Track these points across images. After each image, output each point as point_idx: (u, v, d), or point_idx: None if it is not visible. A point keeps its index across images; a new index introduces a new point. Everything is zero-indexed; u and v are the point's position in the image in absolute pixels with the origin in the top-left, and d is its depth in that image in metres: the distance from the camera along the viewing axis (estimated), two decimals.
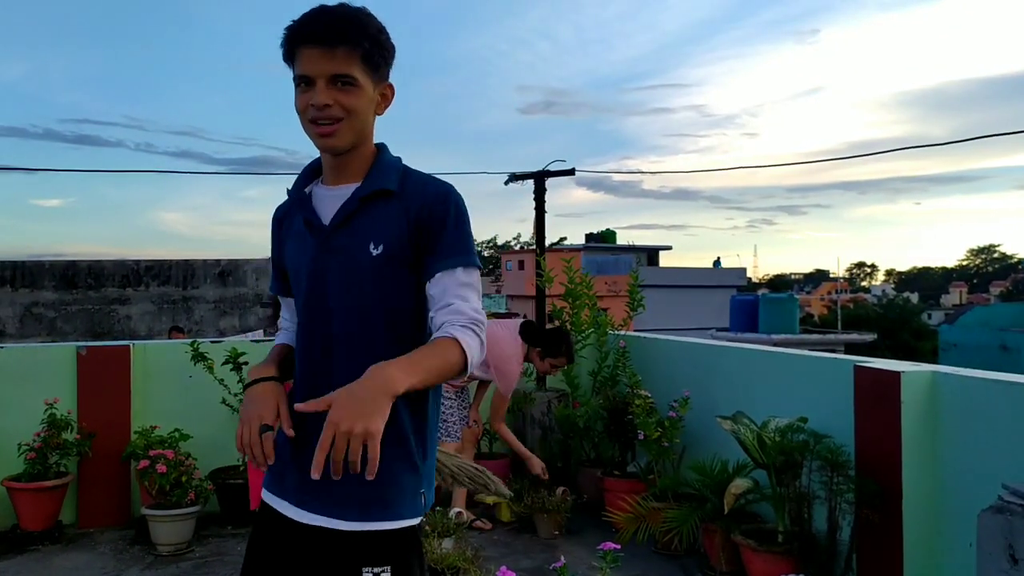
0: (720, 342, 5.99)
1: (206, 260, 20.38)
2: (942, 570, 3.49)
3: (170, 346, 5.85)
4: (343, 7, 1.71)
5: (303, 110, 1.73)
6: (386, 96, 1.82)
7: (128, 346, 5.47)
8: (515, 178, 6.91)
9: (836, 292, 63.42)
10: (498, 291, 48.06)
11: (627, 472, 5.51)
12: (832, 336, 31.02)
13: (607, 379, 5.98)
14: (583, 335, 6.24)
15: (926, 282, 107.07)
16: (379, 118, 1.82)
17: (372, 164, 1.82)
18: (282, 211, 1.97)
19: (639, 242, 50.77)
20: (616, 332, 6.27)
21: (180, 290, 19.85)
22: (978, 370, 3.69)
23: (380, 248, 1.75)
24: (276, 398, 1.81)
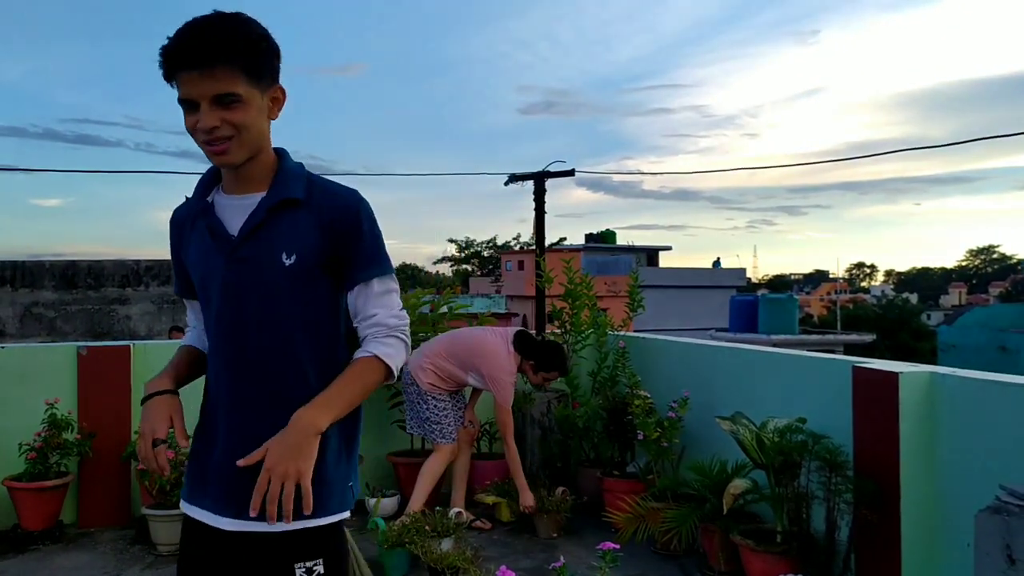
0: (719, 343, 6.00)
1: None
2: (940, 570, 3.50)
3: (170, 346, 5.85)
4: (216, 19, 1.68)
5: (192, 132, 1.73)
6: (277, 99, 1.80)
7: (128, 346, 5.48)
8: (515, 179, 6.92)
9: (836, 292, 63.50)
10: (498, 291, 48.06)
11: (626, 472, 5.53)
12: (831, 337, 31.03)
13: (607, 379, 5.99)
14: (583, 335, 6.25)
15: (926, 283, 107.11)
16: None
17: (275, 172, 1.83)
18: (182, 215, 1.95)
19: (639, 242, 50.84)
20: (616, 332, 6.28)
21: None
22: (976, 371, 3.70)
23: (293, 258, 1.76)
24: (169, 411, 1.88)
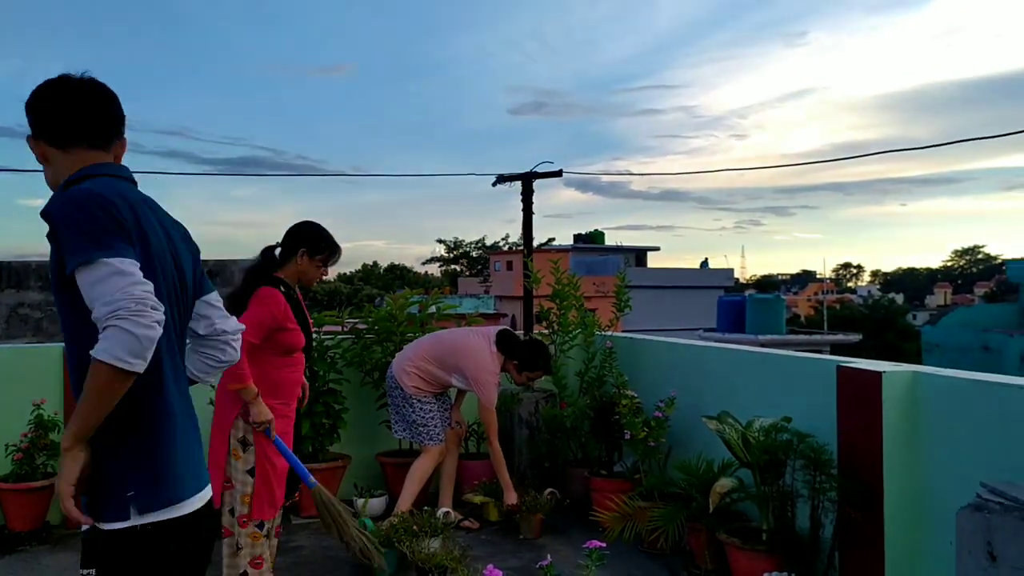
0: (705, 342, 6.04)
1: None
2: (922, 567, 3.54)
3: None
4: None
5: None
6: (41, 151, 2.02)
7: None
8: (503, 179, 6.93)
9: (822, 293, 63.78)
10: (486, 292, 48.06)
11: (614, 472, 5.55)
12: (818, 337, 31.18)
13: (594, 379, 6.01)
14: (570, 336, 6.27)
15: (911, 283, 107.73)
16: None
17: None
18: None
19: (627, 243, 50.90)
20: (603, 333, 6.31)
21: None
22: (958, 370, 3.75)
23: (52, 272, 1.86)
24: None
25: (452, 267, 66.04)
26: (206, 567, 2.06)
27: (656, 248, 52.41)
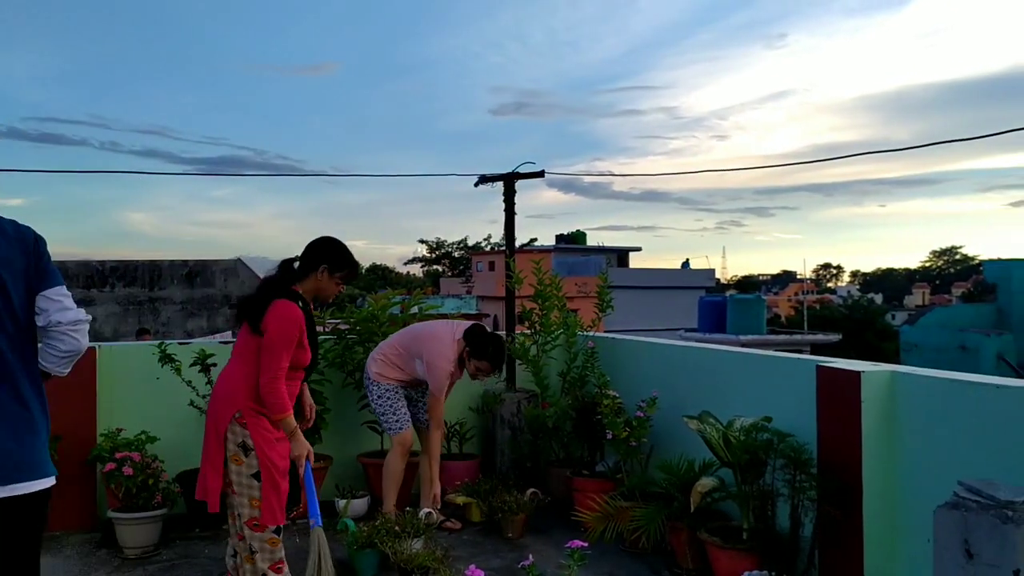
0: (686, 343, 6.07)
1: (173, 261, 20.14)
2: (901, 565, 3.57)
3: (136, 348, 5.81)
4: None
5: None
6: None
7: (94, 348, 5.42)
8: (484, 180, 6.92)
9: (803, 293, 64.15)
10: (468, 292, 48.03)
11: (595, 471, 5.56)
12: (798, 336, 31.37)
13: (576, 379, 6.02)
14: (552, 336, 6.28)
15: (890, 283, 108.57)
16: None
17: None
18: None
19: (609, 243, 50.95)
20: (585, 333, 6.32)
21: (146, 291, 19.60)
22: (936, 370, 3.78)
23: None
24: None
25: (434, 267, 65.98)
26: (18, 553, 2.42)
27: (638, 248, 52.52)
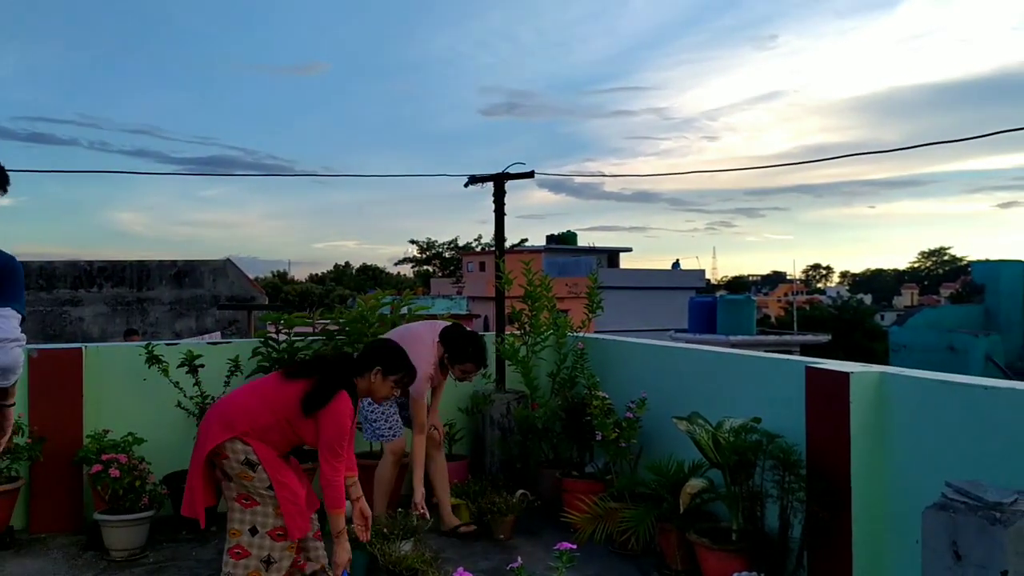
0: (676, 343, 6.07)
1: (161, 261, 20.06)
2: (889, 566, 3.57)
3: (124, 349, 5.78)
4: None
5: None
6: None
7: (80, 348, 5.39)
8: (474, 180, 6.92)
9: (792, 294, 64.39)
10: (459, 292, 48.02)
11: (585, 472, 5.56)
12: (788, 337, 31.43)
13: (565, 380, 6.01)
14: (542, 337, 6.27)
15: (879, 284, 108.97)
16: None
17: None
18: None
19: (600, 244, 51.04)
20: (575, 334, 6.31)
21: (135, 291, 19.52)
22: (924, 371, 3.79)
23: None
24: None
25: (425, 268, 65.91)
26: None
27: (628, 249, 52.63)
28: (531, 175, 6.95)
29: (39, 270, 19.24)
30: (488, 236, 53.89)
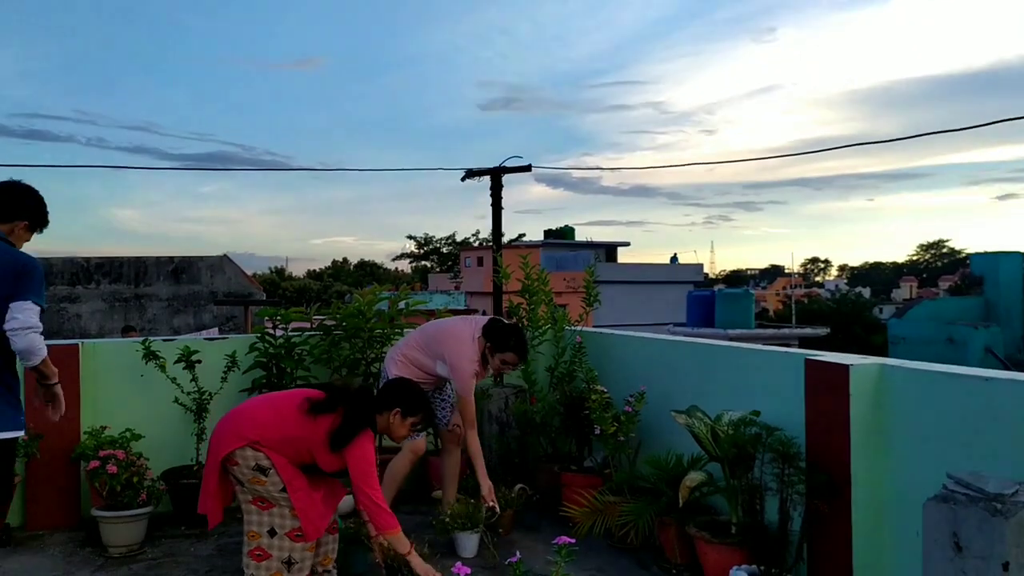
0: (675, 337, 6.05)
1: (159, 257, 20.04)
2: (890, 559, 3.56)
3: (121, 345, 5.75)
4: None
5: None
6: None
7: (77, 345, 5.36)
8: (471, 174, 6.90)
9: (791, 287, 64.42)
10: (457, 288, 47.95)
11: (584, 467, 5.54)
12: (787, 330, 31.42)
13: (564, 375, 6.00)
14: (540, 331, 6.26)
15: (878, 277, 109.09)
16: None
17: None
18: None
19: (598, 238, 51.04)
20: (573, 328, 6.30)
21: (132, 288, 19.49)
22: (924, 362, 3.77)
23: None
24: None
25: (423, 263, 65.89)
26: None
27: (626, 243, 52.71)
28: (528, 169, 6.95)
29: None
30: (486, 231, 53.89)
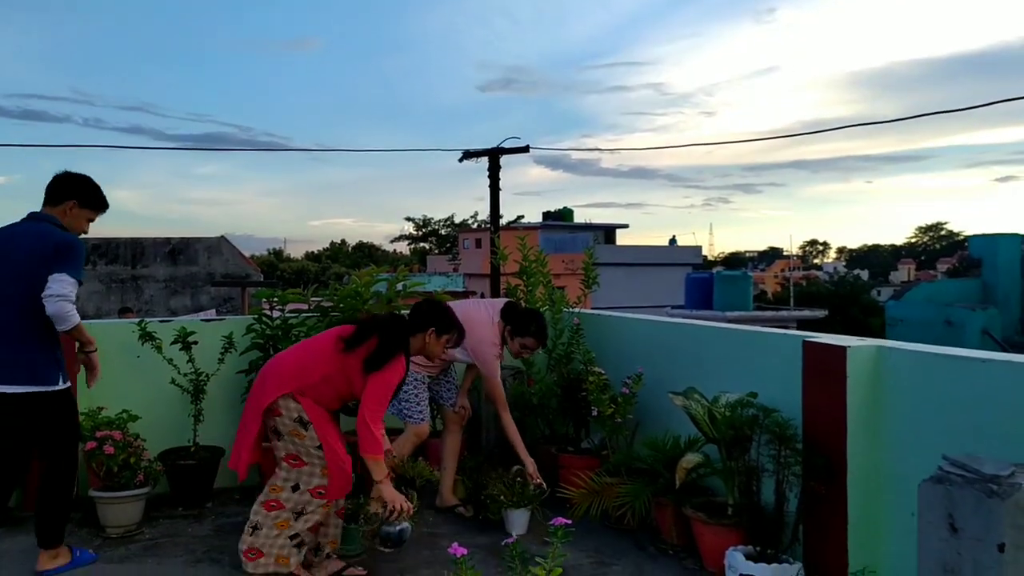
0: (672, 319, 6.04)
1: (156, 238, 19.99)
2: (885, 539, 3.57)
3: (117, 326, 5.73)
4: None
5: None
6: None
7: None
8: (469, 155, 6.87)
9: (789, 269, 64.44)
10: (455, 270, 47.97)
11: (581, 448, 5.55)
12: (785, 313, 31.47)
13: (562, 356, 6.00)
14: None
15: (876, 259, 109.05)
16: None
17: None
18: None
19: (596, 220, 50.96)
20: (571, 309, 6.28)
21: (129, 269, 19.45)
22: (921, 344, 3.77)
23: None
24: None
25: (421, 245, 65.82)
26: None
27: (625, 226, 52.57)
28: (526, 149, 6.92)
29: None
30: (484, 213, 53.80)
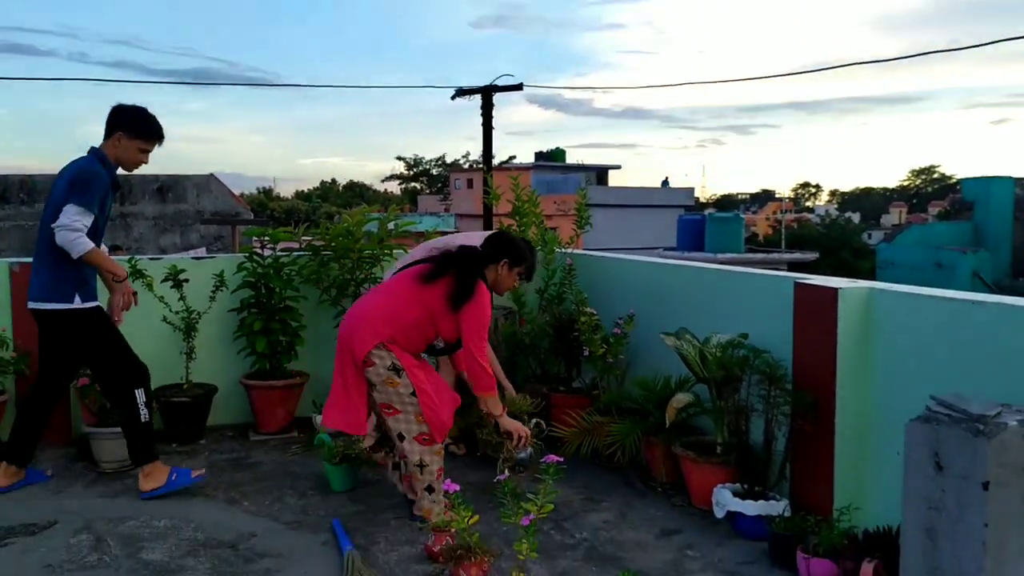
0: (665, 260, 6.04)
1: (144, 176, 19.78)
2: (870, 477, 3.63)
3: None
4: None
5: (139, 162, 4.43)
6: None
7: None
8: (461, 93, 6.77)
9: (781, 212, 64.37)
10: (447, 210, 47.71)
11: (572, 388, 5.60)
12: (776, 255, 31.53)
13: (554, 297, 6.00)
14: None
15: (868, 202, 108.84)
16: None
17: None
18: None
19: (589, 161, 50.63)
20: (563, 250, 6.27)
21: (117, 206, 19.26)
22: (912, 286, 3.78)
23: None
24: None
25: (412, 185, 65.33)
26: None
27: (618, 167, 52.36)
28: (519, 88, 6.82)
29: (20, 184, 18.91)
30: (476, 152, 53.31)
